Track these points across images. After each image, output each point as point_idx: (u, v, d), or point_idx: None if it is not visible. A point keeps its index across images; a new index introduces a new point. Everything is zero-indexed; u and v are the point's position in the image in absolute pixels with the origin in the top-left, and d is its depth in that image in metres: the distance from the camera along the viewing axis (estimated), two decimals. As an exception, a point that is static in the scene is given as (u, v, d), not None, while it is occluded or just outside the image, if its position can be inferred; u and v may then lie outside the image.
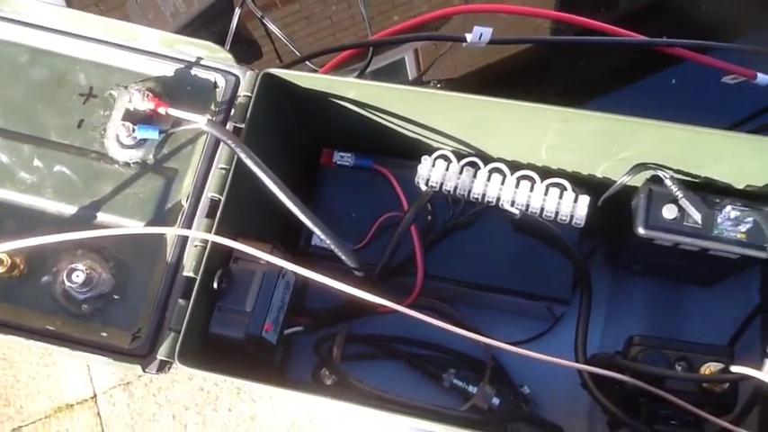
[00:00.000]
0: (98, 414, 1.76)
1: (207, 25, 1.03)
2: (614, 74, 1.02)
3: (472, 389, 0.85)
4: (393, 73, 1.07)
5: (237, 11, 0.94)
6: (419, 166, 0.77)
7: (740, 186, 0.72)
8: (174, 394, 1.77)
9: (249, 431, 1.72)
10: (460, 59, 1.07)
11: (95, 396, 1.77)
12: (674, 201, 0.71)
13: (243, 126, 0.67)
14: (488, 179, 0.77)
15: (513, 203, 0.76)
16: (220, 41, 1.00)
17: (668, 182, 0.71)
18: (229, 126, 0.69)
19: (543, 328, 0.88)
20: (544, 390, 0.87)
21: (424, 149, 0.79)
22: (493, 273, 0.78)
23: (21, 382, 1.75)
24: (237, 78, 0.71)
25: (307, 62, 0.95)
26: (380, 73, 1.06)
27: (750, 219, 0.68)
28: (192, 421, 1.74)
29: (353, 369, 0.88)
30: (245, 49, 1.08)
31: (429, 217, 0.79)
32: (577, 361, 0.74)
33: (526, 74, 1.05)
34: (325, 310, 0.79)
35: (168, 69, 0.71)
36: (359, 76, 1.02)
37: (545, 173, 0.77)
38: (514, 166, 0.77)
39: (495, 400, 0.84)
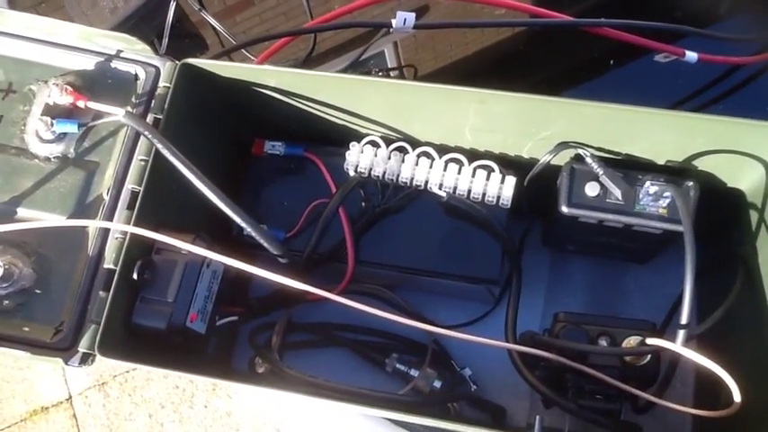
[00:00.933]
0: (74, 416, 1.76)
1: (146, 20, 1.03)
2: (593, 63, 1.02)
3: (414, 372, 0.86)
4: (376, 66, 1.07)
5: (172, 4, 0.94)
6: (347, 153, 0.78)
7: (661, 162, 0.73)
8: (149, 393, 1.78)
9: (226, 427, 1.73)
10: (440, 51, 1.07)
11: (71, 398, 1.77)
12: (596, 178, 0.71)
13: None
14: (416, 163, 0.77)
15: (440, 186, 0.77)
16: (161, 35, 1.00)
17: (589, 159, 0.71)
18: (149, 118, 0.69)
19: (485, 311, 0.89)
20: (486, 371, 0.87)
21: (353, 136, 0.79)
22: (424, 256, 0.79)
23: (-5, 386, 1.75)
24: (158, 70, 0.71)
25: (244, 51, 0.95)
26: (361, 66, 1.06)
27: (669, 194, 0.69)
28: (169, 419, 1.75)
29: (296, 357, 0.88)
30: (188, 42, 1.08)
31: (363, 203, 0.80)
32: (507, 341, 0.75)
33: (506, 65, 1.06)
34: (257, 298, 0.80)
35: (88, 63, 0.71)
36: (300, 65, 1.02)
37: (473, 155, 0.77)
38: (442, 149, 0.78)
39: (437, 383, 0.84)
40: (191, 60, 0.69)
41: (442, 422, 0.70)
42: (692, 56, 0.87)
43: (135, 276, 0.65)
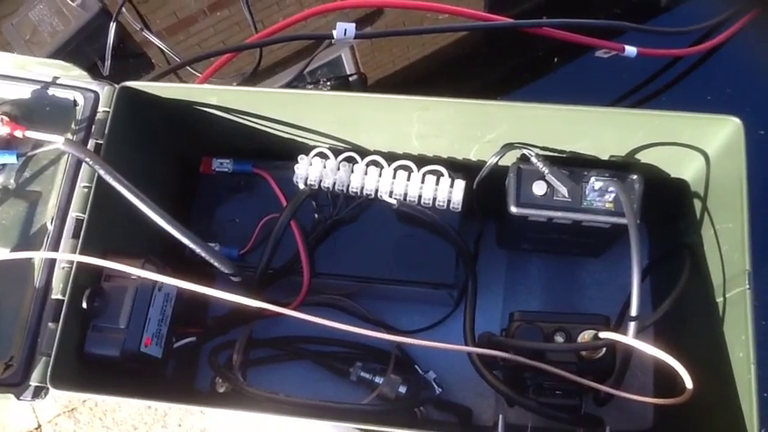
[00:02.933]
0: (45, 444, 1.73)
1: (88, 42, 1.02)
2: (541, 61, 1.03)
3: (379, 380, 0.86)
4: (333, 71, 1.07)
5: (112, 25, 0.93)
6: (296, 166, 0.78)
7: (605, 157, 0.74)
8: (121, 415, 1.74)
9: (201, 444, 1.71)
10: (398, 54, 1.07)
11: (40, 426, 1.73)
12: (542, 177, 0.72)
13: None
14: (366, 172, 0.78)
15: (391, 194, 0.77)
16: (104, 57, 0.99)
17: (534, 159, 0.72)
18: (91, 143, 0.68)
19: (445, 314, 0.90)
20: (450, 373, 0.88)
21: (302, 149, 0.79)
22: (379, 264, 0.79)
23: (-41, 421, 1.71)
24: (96, 94, 0.70)
25: (189, 68, 0.95)
26: (311, 75, 1.05)
27: (613, 188, 0.70)
28: (143, 440, 1.72)
29: (260, 373, 0.88)
30: (132, 62, 1.07)
31: (315, 215, 0.80)
32: (466, 343, 0.75)
33: (462, 64, 1.06)
34: (214, 318, 0.79)
35: (24, 92, 0.70)
36: (248, 79, 1.02)
37: (421, 161, 0.77)
38: (391, 157, 0.78)
39: (402, 388, 0.85)
40: (129, 83, 0.69)
41: (412, 431, 0.70)
42: (631, 50, 0.88)
43: (84, 305, 0.65)
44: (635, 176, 0.72)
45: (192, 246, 0.67)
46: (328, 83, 1.04)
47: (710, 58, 0.98)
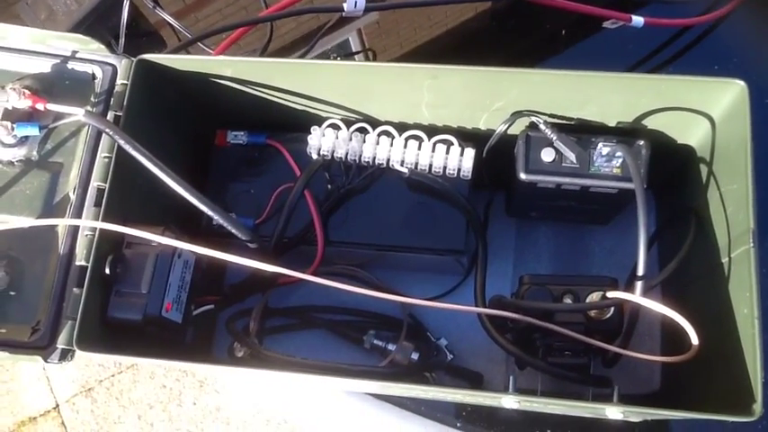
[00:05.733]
0: (62, 423, 1.76)
1: (102, 20, 1.03)
2: (551, 36, 1.04)
3: (392, 347, 0.87)
4: (342, 54, 1.08)
5: (126, 3, 0.94)
6: (309, 137, 0.79)
7: (612, 124, 0.75)
8: (137, 394, 1.79)
9: (216, 422, 1.74)
10: (405, 36, 1.08)
11: (58, 406, 1.77)
12: (551, 144, 0.74)
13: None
14: (377, 142, 0.79)
15: (402, 163, 0.78)
16: (118, 36, 1.00)
17: (542, 126, 0.73)
18: (110, 115, 0.70)
19: (457, 282, 0.91)
20: (461, 340, 0.90)
21: (314, 120, 0.81)
22: (391, 232, 0.80)
23: (-20, 400, 1.75)
24: (114, 68, 0.72)
25: (201, 44, 0.96)
26: (322, 56, 1.06)
27: (620, 153, 0.71)
28: (159, 419, 1.76)
29: (275, 342, 0.90)
30: (145, 41, 1.09)
31: (329, 186, 0.82)
32: (476, 306, 0.77)
33: (471, 45, 1.07)
34: (231, 285, 0.81)
35: (44, 66, 0.72)
36: (260, 55, 1.03)
37: (432, 131, 0.79)
38: (402, 127, 0.79)
39: (414, 355, 0.86)
40: (146, 56, 0.71)
41: (424, 387, 0.72)
42: (638, 20, 0.89)
43: (107, 271, 0.67)
44: (642, 142, 0.73)
45: (209, 212, 0.69)
46: (337, 58, 1.05)
47: (717, 27, 0.99)
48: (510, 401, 0.67)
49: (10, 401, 1.79)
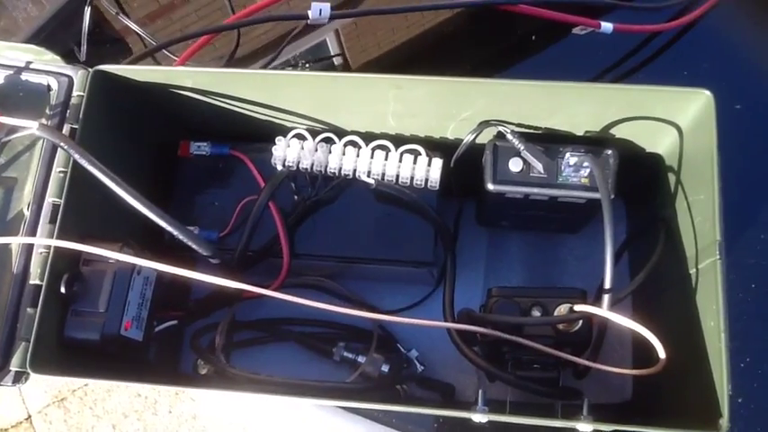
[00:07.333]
0: (35, 435, 1.73)
1: (64, 27, 1.01)
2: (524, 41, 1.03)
3: (362, 359, 0.86)
4: (318, 56, 1.06)
5: (87, 9, 0.92)
6: (274, 148, 0.78)
7: (580, 133, 0.75)
8: (111, 404, 1.76)
9: (192, 430, 1.72)
10: (383, 37, 1.07)
11: (30, 417, 1.74)
12: (518, 154, 0.73)
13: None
14: (344, 153, 0.78)
15: (369, 174, 0.77)
16: (81, 43, 0.98)
17: (510, 136, 0.72)
18: (66, 128, 0.68)
19: (427, 293, 0.90)
20: (432, 351, 0.88)
21: (279, 130, 0.79)
22: (359, 244, 0.79)
23: (-49, 414, 1.71)
24: (71, 79, 0.70)
25: (166, 52, 0.94)
26: (302, 57, 1.05)
27: (588, 163, 0.71)
28: (134, 428, 1.73)
29: (243, 356, 0.88)
30: (109, 48, 1.07)
31: (295, 197, 0.80)
32: (445, 320, 0.76)
33: (447, 46, 1.06)
34: (196, 300, 0.80)
35: (-4, 77, 0.70)
36: (227, 64, 1.02)
37: (398, 141, 0.78)
38: (369, 137, 0.78)
39: (385, 367, 0.85)
40: (103, 67, 0.69)
41: (393, 406, 0.71)
42: (607, 26, 0.89)
43: (63, 290, 0.65)
44: (609, 151, 0.72)
45: (168, 227, 0.67)
46: (307, 65, 1.04)
47: (687, 33, 0.99)
48: (479, 417, 0.66)
49: (-20, 413, 1.75)
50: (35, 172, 0.68)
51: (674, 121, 0.71)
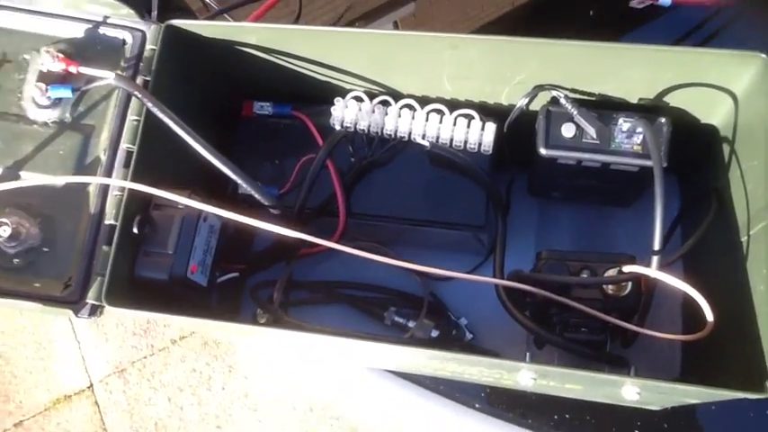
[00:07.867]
0: (96, 403, 1.80)
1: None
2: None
3: (412, 324, 0.88)
4: None
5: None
6: (332, 108, 0.81)
7: (634, 101, 0.75)
8: (167, 377, 1.82)
9: (244, 408, 1.77)
10: (441, 30, 1.07)
11: (92, 385, 1.81)
12: (571, 119, 0.74)
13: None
14: (399, 115, 0.80)
15: (423, 136, 0.79)
16: (150, 9, 1.03)
17: (563, 101, 0.73)
18: (139, 80, 0.72)
19: (478, 262, 0.92)
20: (481, 321, 0.89)
21: (338, 92, 0.82)
22: (412, 206, 0.81)
23: (18, 377, 1.80)
24: (144, 33, 0.74)
25: (226, 16, 0.97)
26: None
27: (641, 129, 0.71)
28: (188, 402, 1.79)
29: (298, 314, 0.91)
30: (178, 15, 1.11)
31: (351, 158, 0.83)
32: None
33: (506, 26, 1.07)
34: (255, 252, 0.83)
35: (77, 30, 0.75)
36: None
37: (453, 105, 0.80)
38: (424, 100, 0.80)
39: (434, 332, 0.87)
40: (174, 21, 0.73)
41: (447, 353, 0.72)
42: (665, -2, 0.88)
43: (135, 230, 0.69)
44: (663, 119, 0.72)
45: (233, 176, 0.70)
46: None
47: (747, 10, 0.97)
48: (526, 375, 0.66)
49: (47, 379, 1.83)
50: (111, 120, 0.73)
51: (729, 88, 0.70)
